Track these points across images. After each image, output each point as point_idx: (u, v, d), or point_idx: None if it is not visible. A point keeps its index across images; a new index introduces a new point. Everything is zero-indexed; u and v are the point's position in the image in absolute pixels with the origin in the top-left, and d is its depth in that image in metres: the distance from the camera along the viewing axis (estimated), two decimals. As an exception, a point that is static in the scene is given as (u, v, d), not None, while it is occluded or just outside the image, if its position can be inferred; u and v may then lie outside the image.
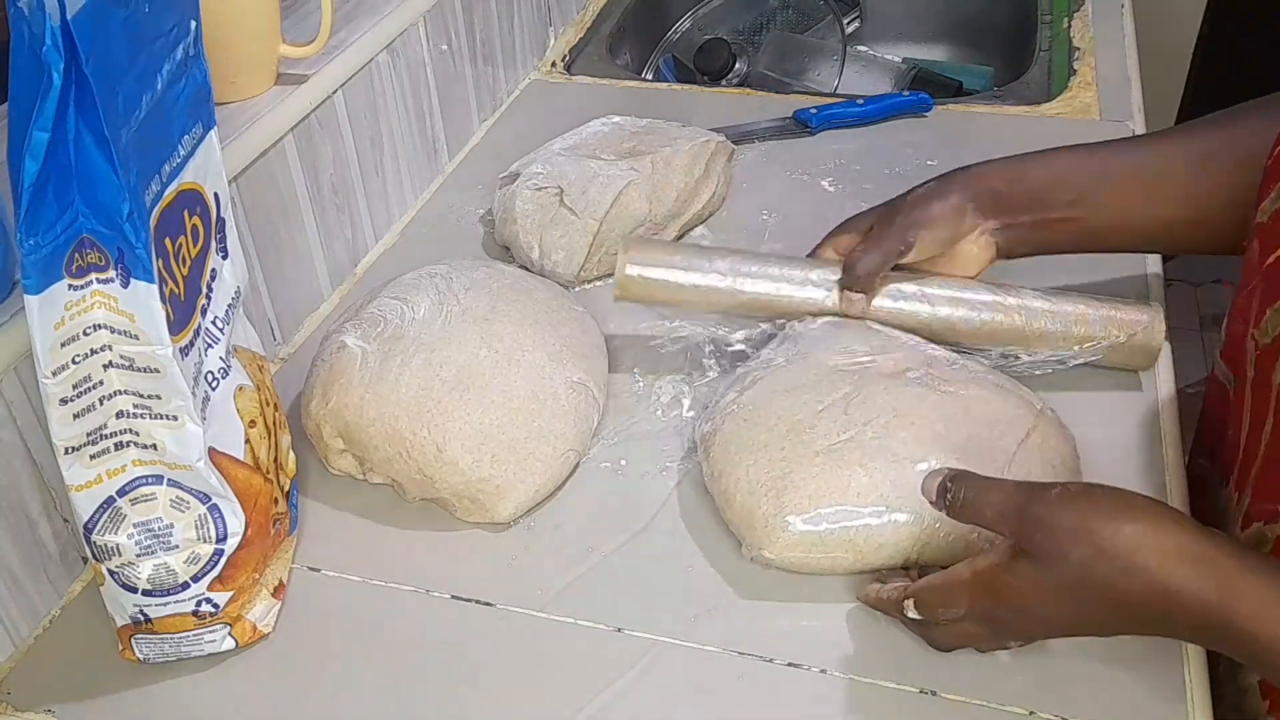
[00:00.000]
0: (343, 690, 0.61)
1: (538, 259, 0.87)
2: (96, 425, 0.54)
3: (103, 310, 0.52)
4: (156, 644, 0.60)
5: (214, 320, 0.61)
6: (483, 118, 1.12)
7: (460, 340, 0.70)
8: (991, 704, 0.57)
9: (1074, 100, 1.10)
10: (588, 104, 1.13)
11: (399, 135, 0.97)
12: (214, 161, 0.61)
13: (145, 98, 0.53)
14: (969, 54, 1.48)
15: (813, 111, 1.08)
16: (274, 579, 0.64)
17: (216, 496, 0.58)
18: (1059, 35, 1.24)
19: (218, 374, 0.60)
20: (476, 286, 0.75)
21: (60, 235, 0.51)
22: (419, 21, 0.97)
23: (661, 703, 0.59)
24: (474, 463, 0.67)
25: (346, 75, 0.87)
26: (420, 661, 0.62)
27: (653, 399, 0.78)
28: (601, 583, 0.65)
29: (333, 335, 0.74)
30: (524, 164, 0.93)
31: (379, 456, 0.69)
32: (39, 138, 0.48)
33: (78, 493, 0.55)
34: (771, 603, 0.64)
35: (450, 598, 0.65)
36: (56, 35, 0.46)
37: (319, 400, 0.70)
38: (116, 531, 0.56)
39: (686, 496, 0.70)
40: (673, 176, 0.91)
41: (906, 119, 1.10)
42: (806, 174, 1.02)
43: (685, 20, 1.46)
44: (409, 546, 0.69)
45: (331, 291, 0.90)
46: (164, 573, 0.58)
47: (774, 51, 1.35)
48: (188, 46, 0.57)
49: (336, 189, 0.89)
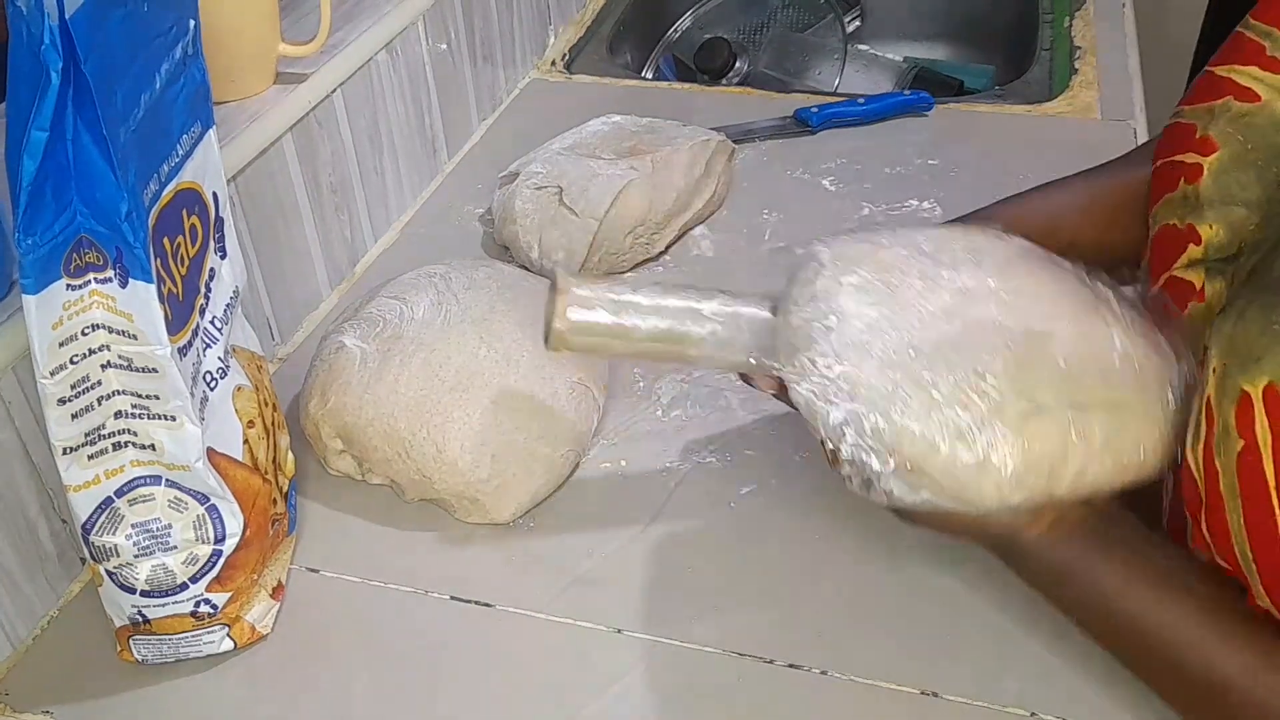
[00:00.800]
0: (342, 691, 0.60)
1: (537, 259, 0.87)
2: (95, 425, 0.54)
3: (101, 310, 0.52)
4: (155, 645, 0.60)
5: (212, 320, 0.61)
6: (482, 117, 1.12)
7: (459, 340, 0.70)
8: (992, 705, 0.57)
9: (1075, 99, 1.10)
10: (588, 103, 1.13)
11: (398, 135, 0.97)
12: (212, 161, 0.61)
13: (144, 97, 0.53)
14: (970, 53, 1.48)
15: (813, 111, 1.08)
16: (272, 580, 0.64)
17: (215, 497, 0.58)
18: (1060, 34, 1.24)
19: (216, 374, 0.60)
20: (476, 286, 0.75)
21: (58, 235, 0.50)
22: (418, 20, 0.97)
23: (661, 703, 0.59)
24: (473, 463, 0.67)
25: (346, 74, 0.87)
26: (420, 662, 0.62)
27: (653, 399, 0.78)
28: (601, 583, 0.65)
29: (331, 335, 0.73)
30: (523, 163, 0.92)
31: (378, 457, 0.69)
32: (37, 137, 0.48)
33: (76, 493, 0.55)
34: (772, 603, 0.63)
35: (450, 598, 0.65)
36: (55, 35, 0.46)
37: (318, 401, 0.70)
38: (115, 532, 0.56)
39: (687, 496, 0.70)
40: (673, 176, 0.91)
41: (907, 118, 1.10)
42: (807, 173, 1.02)
43: (686, 19, 1.46)
44: (408, 547, 0.69)
45: (330, 291, 0.90)
46: (162, 573, 0.58)
47: (775, 50, 1.35)
48: (186, 45, 0.57)
49: (335, 188, 0.89)
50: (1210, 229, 0.53)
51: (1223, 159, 0.54)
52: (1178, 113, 0.58)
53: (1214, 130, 0.55)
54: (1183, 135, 0.57)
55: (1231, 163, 0.54)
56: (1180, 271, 0.55)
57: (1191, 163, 0.55)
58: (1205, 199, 0.54)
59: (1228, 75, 0.55)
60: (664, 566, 0.66)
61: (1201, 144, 0.55)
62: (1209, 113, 0.55)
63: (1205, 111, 0.56)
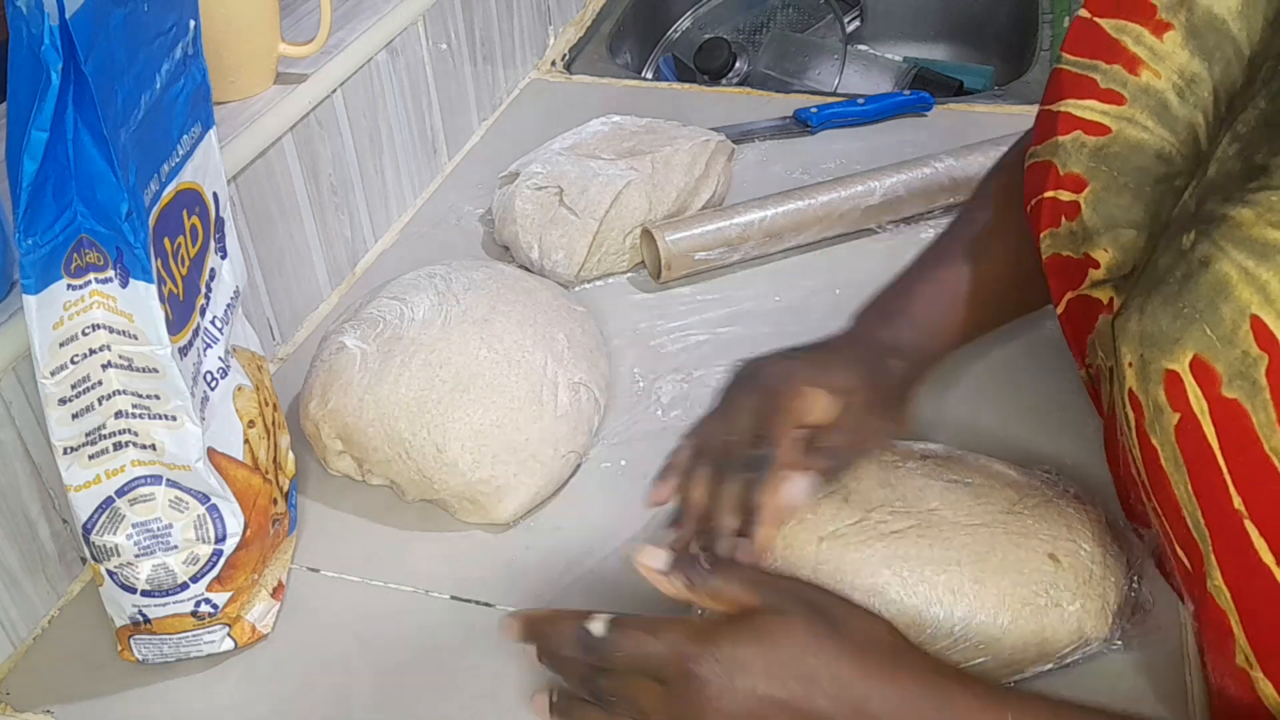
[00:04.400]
0: (342, 691, 0.60)
1: (538, 259, 0.87)
2: (95, 425, 0.54)
3: (101, 310, 0.52)
4: (155, 644, 0.60)
5: (213, 320, 0.61)
6: (482, 117, 1.12)
7: (460, 341, 0.70)
8: (992, 705, 0.57)
9: (1074, 100, 1.10)
10: (588, 103, 1.13)
11: (398, 135, 0.97)
12: (213, 161, 0.61)
13: (144, 97, 0.53)
14: (970, 53, 1.48)
15: (813, 111, 1.08)
16: (273, 579, 0.64)
17: (215, 497, 0.58)
18: (1060, 34, 1.24)
19: (216, 374, 0.60)
20: (476, 287, 0.75)
21: (59, 235, 0.50)
22: (418, 20, 0.97)
23: (661, 703, 0.59)
24: (474, 464, 0.67)
25: (346, 74, 0.87)
26: (420, 661, 0.62)
27: (653, 399, 0.78)
28: (602, 583, 0.65)
29: (331, 336, 0.73)
30: (524, 164, 0.92)
31: (378, 458, 0.69)
32: (38, 137, 0.48)
33: (76, 493, 0.55)
34: (772, 603, 0.63)
35: (450, 598, 0.65)
36: (55, 35, 0.46)
37: (318, 401, 0.70)
38: (115, 532, 0.56)
39: (686, 497, 0.70)
40: (673, 176, 0.91)
41: (907, 118, 1.10)
42: (807, 174, 1.02)
43: (685, 19, 1.46)
44: (408, 547, 0.69)
45: (330, 291, 0.90)
46: (163, 573, 0.58)
47: (774, 51, 1.35)
48: (186, 45, 0.57)
49: (336, 188, 0.89)
50: (1105, 253, 0.55)
51: (1096, 191, 0.56)
52: (1032, 153, 0.59)
53: (1076, 167, 0.56)
54: (1043, 174, 0.58)
55: (1106, 192, 0.55)
56: (1087, 291, 0.57)
57: (1067, 200, 0.57)
58: (1091, 229, 0.56)
59: (1066, 111, 0.57)
60: (664, 566, 0.66)
61: (1070, 181, 0.56)
62: (1060, 148, 0.57)
63: (1055, 147, 0.57)
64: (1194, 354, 0.46)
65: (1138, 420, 0.49)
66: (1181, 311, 0.47)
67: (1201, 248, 0.47)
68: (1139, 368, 0.49)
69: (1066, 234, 0.57)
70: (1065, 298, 0.59)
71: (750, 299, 0.87)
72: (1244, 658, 0.48)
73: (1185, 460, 0.47)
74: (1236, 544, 0.46)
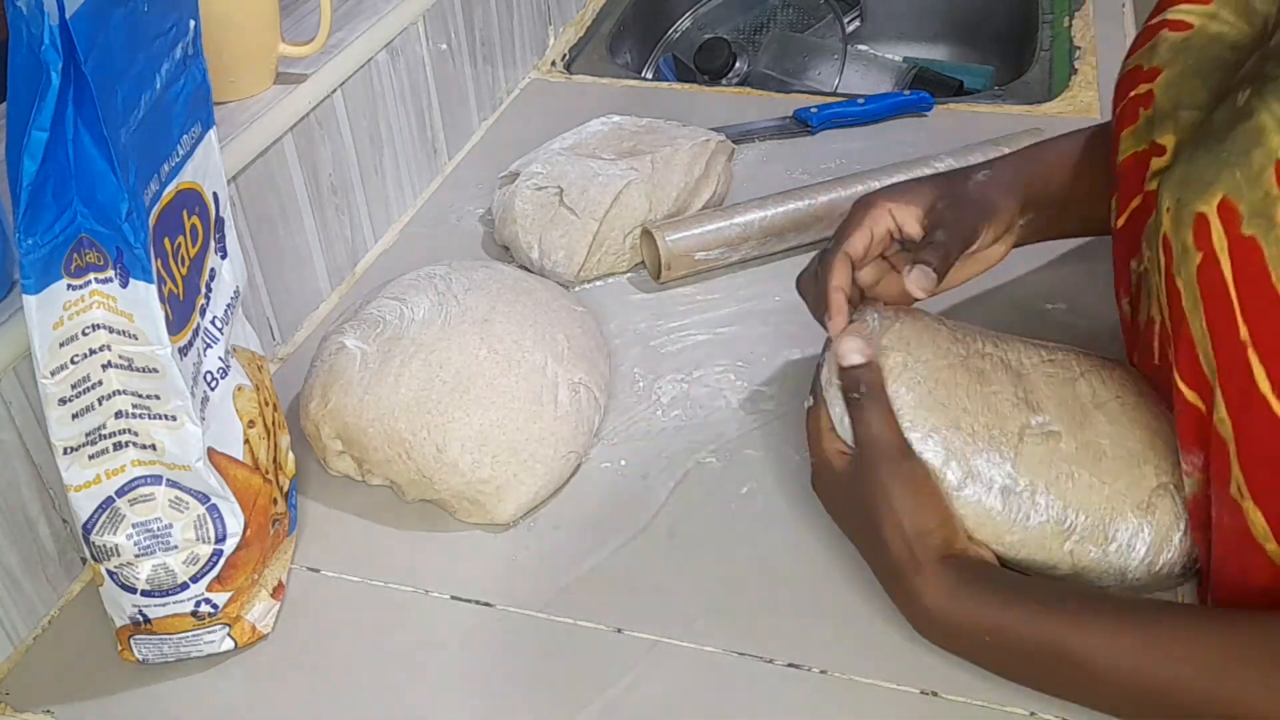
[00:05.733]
0: (342, 691, 0.60)
1: (538, 259, 0.87)
2: (95, 425, 0.54)
3: (101, 310, 0.52)
4: (155, 644, 0.60)
5: (213, 320, 0.61)
6: (482, 117, 1.12)
7: (460, 341, 0.70)
8: (992, 705, 0.57)
9: (1075, 99, 1.10)
10: (588, 103, 1.13)
11: (398, 135, 0.97)
12: (213, 161, 0.61)
13: (144, 97, 0.53)
14: (970, 53, 1.48)
15: (813, 111, 1.08)
16: (273, 579, 0.64)
17: (215, 497, 0.58)
18: (1060, 34, 1.24)
19: (217, 374, 0.60)
20: (476, 287, 0.75)
21: (59, 235, 0.50)
22: (418, 20, 0.97)
23: (661, 703, 0.59)
24: (474, 464, 0.67)
25: (346, 74, 0.87)
26: (420, 661, 0.62)
27: (653, 399, 0.78)
28: (601, 583, 0.65)
29: (332, 336, 0.73)
30: (524, 163, 0.92)
31: (378, 458, 0.69)
32: (37, 137, 0.48)
33: (76, 493, 0.55)
34: (772, 603, 0.63)
35: (450, 598, 0.65)
36: (55, 35, 0.46)
37: (318, 401, 0.70)
38: (115, 532, 0.56)
39: (687, 496, 0.70)
40: (673, 176, 0.91)
41: (907, 118, 1.10)
42: (807, 174, 1.02)
43: (685, 19, 1.46)
44: (408, 547, 0.69)
45: (330, 291, 0.90)
46: (163, 573, 0.58)
47: (774, 51, 1.35)
48: (186, 45, 0.57)
49: (336, 189, 0.89)
50: (1170, 137, 0.58)
51: (1170, 77, 0.59)
52: (1125, 64, 0.64)
53: (1158, 61, 0.60)
54: (1133, 78, 0.62)
55: (1178, 77, 0.59)
56: (1150, 186, 0.59)
57: (1144, 91, 0.61)
58: (1160, 113, 0.59)
59: (1159, 20, 0.62)
60: (664, 566, 0.66)
61: (1149, 74, 0.61)
62: (1150, 50, 0.61)
63: (1147, 51, 0.62)
64: (1222, 195, 0.48)
65: (1167, 265, 0.52)
66: (1219, 158, 0.49)
67: (1250, 103, 0.50)
68: (1174, 212, 0.51)
69: (1143, 125, 0.60)
70: (1128, 209, 0.61)
71: (750, 299, 0.87)
72: (1236, 488, 0.50)
73: (1202, 296, 0.50)
74: (1240, 375, 0.48)
